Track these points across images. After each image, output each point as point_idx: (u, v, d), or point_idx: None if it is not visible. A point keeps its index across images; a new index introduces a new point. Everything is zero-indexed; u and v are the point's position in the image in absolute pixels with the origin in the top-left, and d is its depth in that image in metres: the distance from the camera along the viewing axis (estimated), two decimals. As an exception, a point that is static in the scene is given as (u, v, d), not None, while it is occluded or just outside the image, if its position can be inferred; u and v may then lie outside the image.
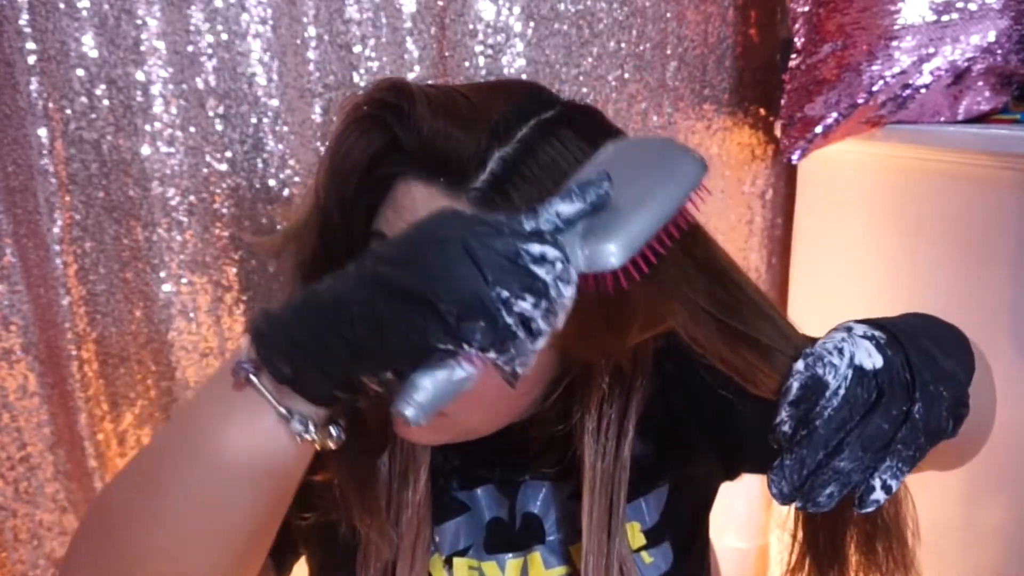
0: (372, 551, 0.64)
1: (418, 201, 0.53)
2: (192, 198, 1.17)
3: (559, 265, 0.43)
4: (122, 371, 1.21)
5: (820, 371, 0.46)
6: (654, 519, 0.69)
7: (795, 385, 0.46)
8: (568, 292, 0.43)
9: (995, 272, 0.97)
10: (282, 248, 0.63)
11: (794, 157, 1.15)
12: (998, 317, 0.96)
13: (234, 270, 1.21)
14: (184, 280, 1.20)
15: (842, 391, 0.45)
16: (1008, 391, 0.95)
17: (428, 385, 0.43)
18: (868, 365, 0.46)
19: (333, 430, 0.48)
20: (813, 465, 0.45)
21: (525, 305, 0.41)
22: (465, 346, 0.41)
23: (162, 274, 1.19)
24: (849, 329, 0.49)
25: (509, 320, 0.41)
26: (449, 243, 0.41)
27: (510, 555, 0.68)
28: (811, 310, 1.34)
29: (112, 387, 1.21)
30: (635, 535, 0.68)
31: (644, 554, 0.68)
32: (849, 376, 0.45)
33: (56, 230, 1.12)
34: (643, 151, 0.52)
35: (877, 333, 0.48)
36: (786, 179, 1.38)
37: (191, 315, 1.21)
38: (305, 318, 0.44)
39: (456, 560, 0.68)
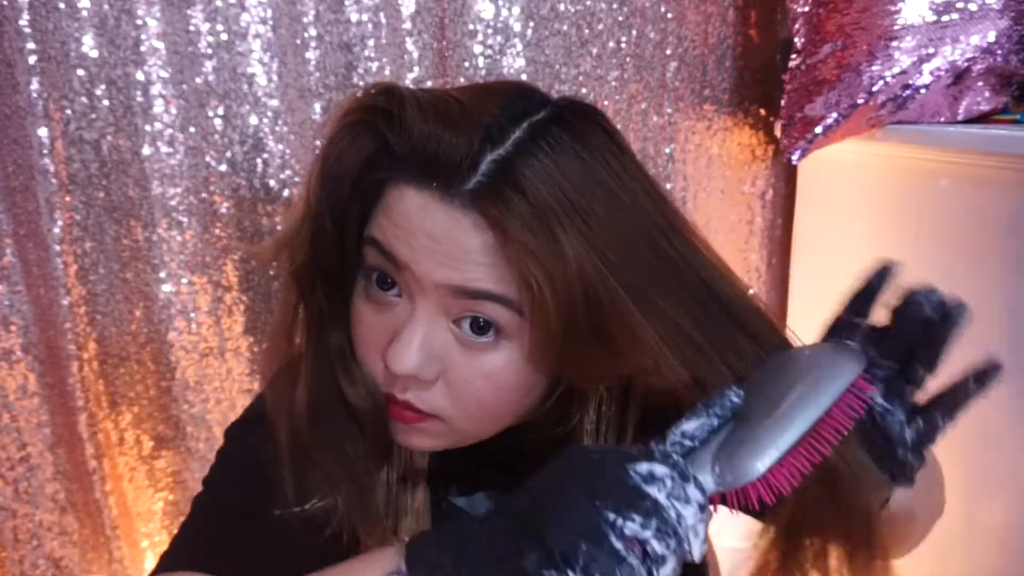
0: None
1: (412, 206, 0.52)
2: (192, 198, 1.17)
3: (669, 483, 0.43)
4: (122, 371, 1.21)
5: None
6: None
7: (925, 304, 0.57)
8: (689, 511, 0.43)
9: (995, 272, 0.97)
10: (274, 257, 0.63)
11: (794, 157, 1.15)
12: (998, 317, 0.96)
13: (234, 270, 1.21)
14: (184, 280, 1.20)
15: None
16: (1007, 391, 0.95)
17: None
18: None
19: None
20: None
21: (634, 526, 0.42)
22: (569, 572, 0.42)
23: (162, 274, 1.19)
24: None
25: (618, 544, 0.42)
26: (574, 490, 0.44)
27: None
28: (811, 310, 1.34)
29: (112, 387, 1.21)
30: None
31: None
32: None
33: (56, 230, 1.12)
34: (806, 357, 0.52)
35: None
36: (786, 179, 1.38)
37: (191, 315, 1.21)
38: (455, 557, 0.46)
39: None
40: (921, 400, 0.57)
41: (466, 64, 1.21)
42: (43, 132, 1.09)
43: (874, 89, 1.06)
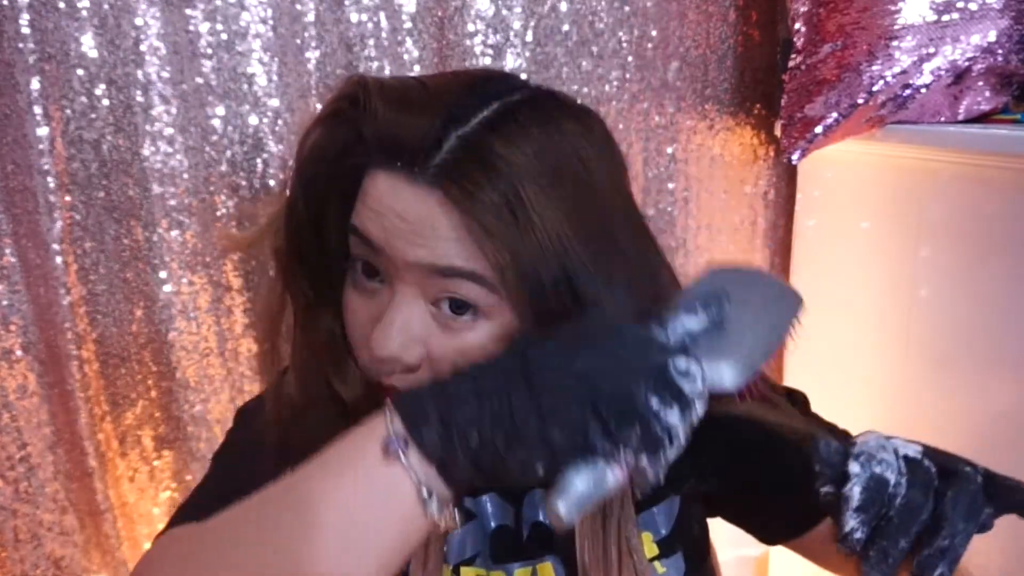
0: None
1: (382, 189, 0.53)
2: (192, 198, 1.17)
3: (699, 382, 0.45)
4: (122, 371, 1.21)
5: (877, 469, 0.47)
6: (667, 529, 0.68)
7: (856, 490, 0.47)
8: (702, 408, 0.45)
9: (995, 272, 0.96)
10: (252, 244, 0.64)
11: (794, 157, 1.15)
12: (998, 316, 0.96)
13: (234, 270, 1.21)
14: (184, 280, 1.20)
15: (904, 481, 0.47)
16: (1008, 390, 0.95)
17: (580, 486, 0.44)
18: (912, 452, 0.49)
19: (457, 512, 0.48)
20: (897, 555, 0.47)
21: (672, 419, 0.44)
22: (622, 448, 0.43)
23: (162, 274, 1.19)
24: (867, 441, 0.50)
25: (659, 431, 0.43)
26: (608, 345, 0.44)
27: (517, 565, 0.67)
28: (810, 310, 1.34)
29: (112, 387, 1.21)
30: (648, 545, 0.67)
31: (657, 564, 0.67)
32: (903, 466, 0.47)
33: (56, 230, 1.12)
34: (745, 279, 0.54)
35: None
36: (788, 179, 1.38)
37: (191, 315, 1.21)
38: (463, 402, 0.45)
39: (464, 569, 0.67)
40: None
41: (466, 64, 1.21)
42: (43, 132, 1.09)
43: (874, 89, 1.06)
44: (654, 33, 1.27)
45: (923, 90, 1.05)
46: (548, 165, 0.51)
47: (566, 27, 1.23)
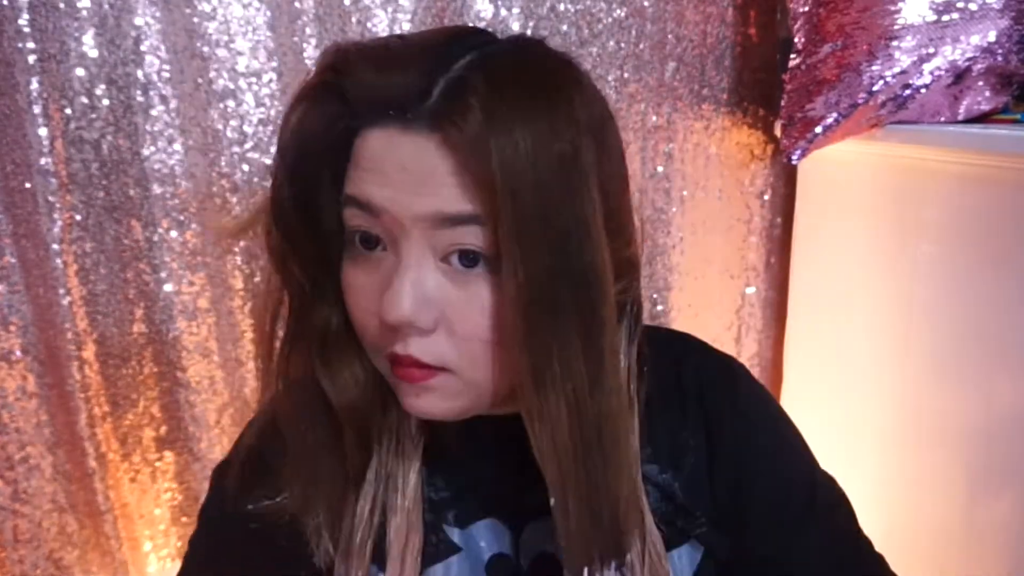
0: None
1: (377, 146, 0.52)
2: (192, 198, 1.17)
3: None
4: (122, 371, 1.21)
5: None
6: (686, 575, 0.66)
7: None
8: None
9: (995, 272, 0.97)
10: (237, 233, 0.62)
11: (794, 157, 1.16)
12: (998, 317, 0.96)
13: (234, 270, 1.21)
14: (185, 280, 1.19)
15: None
16: (1010, 389, 0.95)
17: None
18: None
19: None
20: None
21: None
22: None
23: (163, 274, 1.18)
24: None
25: None
26: None
27: None
28: (811, 310, 1.34)
29: (112, 387, 1.21)
30: None
31: None
32: None
33: (56, 230, 1.11)
34: None
35: None
36: (785, 179, 1.39)
37: (191, 315, 1.21)
38: None
39: None
40: None
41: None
42: (43, 132, 1.09)
43: (874, 89, 1.06)
44: (652, 34, 1.27)
45: (923, 90, 1.05)
46: (539, 102, 0.50)
47: (565, 27, 1.23)
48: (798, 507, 0.66)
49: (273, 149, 1.17)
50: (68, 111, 1.10)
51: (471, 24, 1.19)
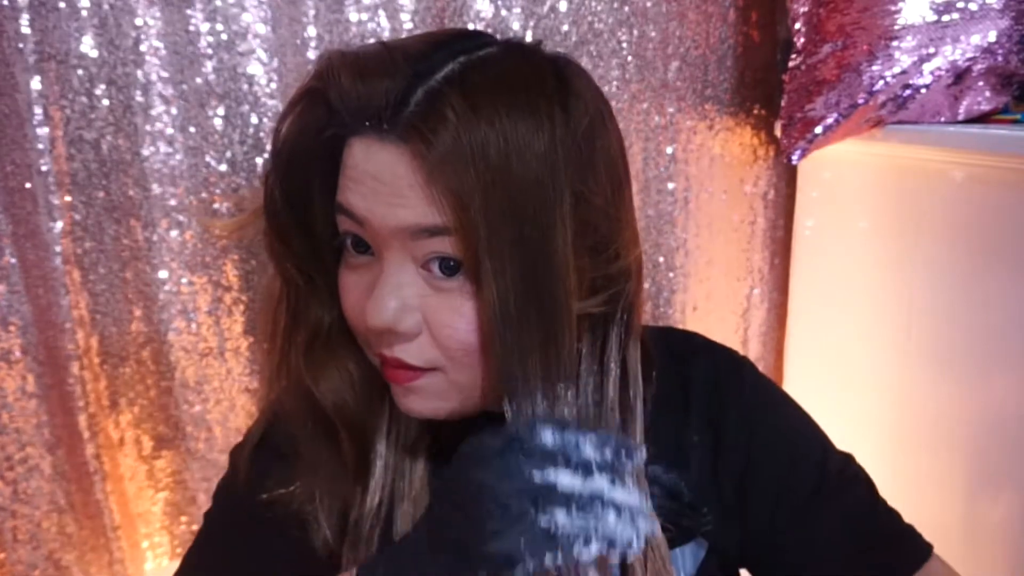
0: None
1: (356, 154, 0.53)
2: (192, 198, 1.17)
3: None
4: (122, 371, 1.21)
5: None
6: (688, 574, 0.67)
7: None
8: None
9: (995, 272, 0.96)
10: (233, 233, 0.65)
11: (794, 157, 1.15)
12: (998, 317, 0.96)
13: (234, 270, 1.21)
14: (184, 280, 1.19)
15: None
16: (1010, 389, 0.95)
17: None
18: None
19: None
20: None
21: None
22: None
23: (162, 274, 1.18)
24: None
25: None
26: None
27: None
28: (811, 310, 1.34)
29: (112, 387, 1.21)
30: None
31: None
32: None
33: (56, 230, 1.11)
34: None
35: None
36: (788, 179, 1.38)
37: (191, 315, 1.21)
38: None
39: None
40: None
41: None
42: (43, 132, 1.09)
43: (874, 89, 1.06)
44: (654, 33, 1.27)
45: (923, 90, 1.05)
46: (517, 120, 0.50)
47: (565, 27, 1.23)
48: (809, 487, 0.66)
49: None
50: (68, 111, 1.10)
51: (471, 24, 1.19)
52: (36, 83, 1.07)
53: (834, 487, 0.67)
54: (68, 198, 1.13)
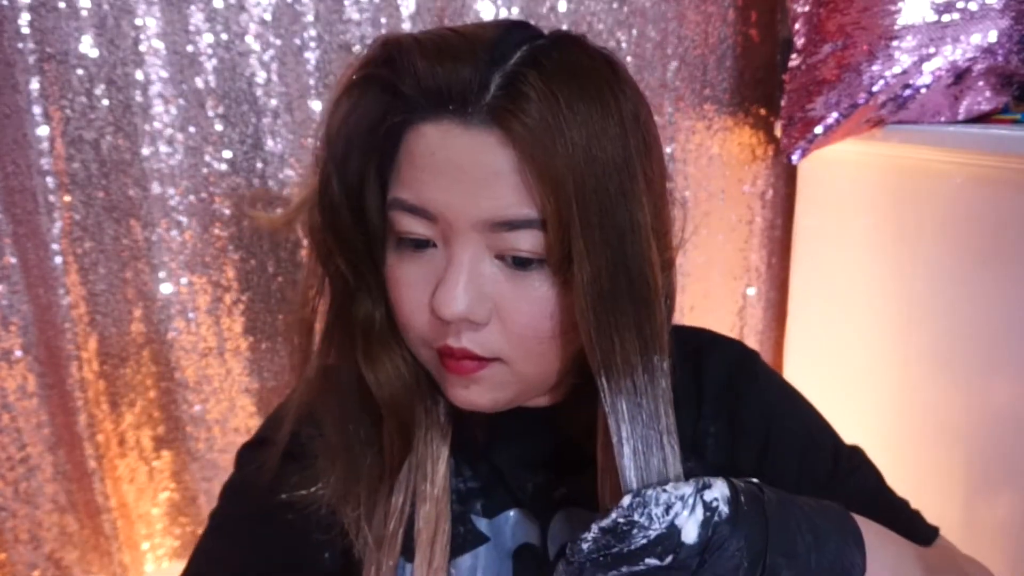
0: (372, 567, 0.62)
1: (432, 141, 0.51)
2: (192, 198, 1.17)
3: None
4: (122, 371, 1.21)
5: (636, 517, 0.46)
6: None
7: (613, 515, 0.47)
8: None
9: (995, 272, 0.96)
10: (286, 225, 0.61)
11: (794, 157, 1.15)
12: (998, 317, 0.96)
13: (234, 270, 1.21)
14: (184, 280, 1.19)
15: (642, 542, 0.46)
16: (1010, 390, 0.95)
17: None
18: (684, 537, 0.46)
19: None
20: None
21: None
22: None
23: (162, 274, 1.19)
24: (708, 486, 0.48)
25: None
26: None
27: None
28: (811, 311, 1.34)
29: (112, 387, 1.21)
30: None
31: None
32: (656, 536, 0.46)
33: (56, 230, 1.12)
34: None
35: (726, 510, 0.47)
36: (786, 179, 1.38)
37: (191, 315, 1.21)
38: None
39: None
40: None
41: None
42: (43, 132, 1.09)
43: (874, 89, 1.06)
44: (653, 33, 1.27)
45: (923, 90, 1.05)
46: (589, 102, 0.50)
47: (565, 27, 1.23)
48: (824, 473, 0.67)
49: (273, 149, 1.17)
50: (68, 111, 1.10)
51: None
52: (36, 83, 1.08)
53: (846, 472, 0.68)
54: (68, 198, 1.13)
